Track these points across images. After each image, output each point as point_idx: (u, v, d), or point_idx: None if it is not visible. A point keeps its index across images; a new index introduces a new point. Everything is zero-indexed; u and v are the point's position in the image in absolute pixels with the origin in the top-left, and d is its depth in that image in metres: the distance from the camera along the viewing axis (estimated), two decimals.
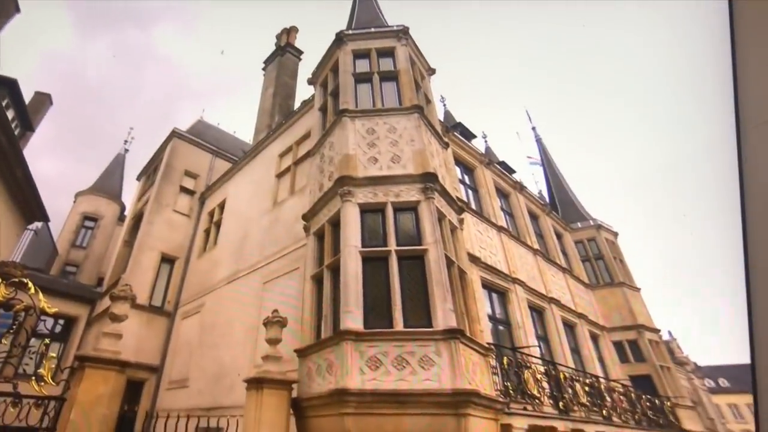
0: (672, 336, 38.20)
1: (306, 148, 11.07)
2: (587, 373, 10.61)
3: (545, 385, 8.24)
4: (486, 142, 23.63)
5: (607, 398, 10.32)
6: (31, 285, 4.94)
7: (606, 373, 13.51)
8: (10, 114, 12.60)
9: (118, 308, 5.81)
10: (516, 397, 7.36)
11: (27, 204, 11.11)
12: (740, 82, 2.05)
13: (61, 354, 13.60)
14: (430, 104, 9.96)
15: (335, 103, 9.46)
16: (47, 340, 5.22)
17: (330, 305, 6.75)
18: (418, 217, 7.06)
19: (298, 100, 15.38)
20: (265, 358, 6.50)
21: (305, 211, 8.50)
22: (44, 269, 18.57)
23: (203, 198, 16.63)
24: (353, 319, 5.98)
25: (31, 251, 16.72)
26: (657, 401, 13.17)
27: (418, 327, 5.93)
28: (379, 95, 9.00)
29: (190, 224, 16.08)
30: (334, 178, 7.75)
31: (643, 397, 12.50)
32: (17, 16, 13.68)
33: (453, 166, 11.62)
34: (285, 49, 18.86)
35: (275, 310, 6.93)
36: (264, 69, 19.38)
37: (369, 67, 9.57)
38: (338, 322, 6.20)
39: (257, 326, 8.92)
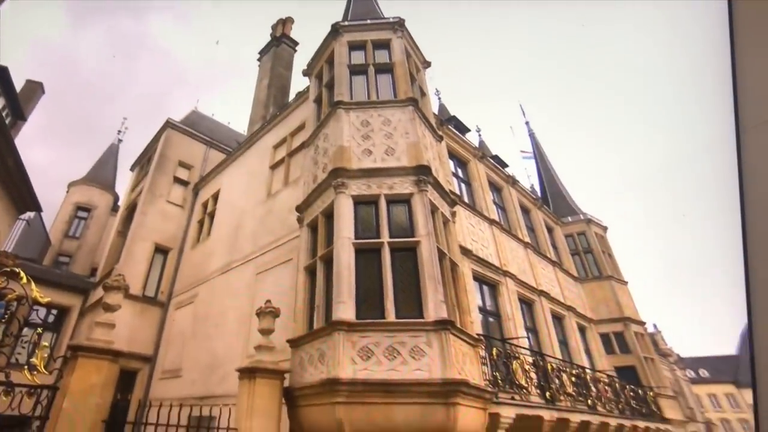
0: (657, 329, 38.86)
1: (300, 139, 11.05)
2: (574, 364, 10.75)
3: (533, 375, 8.35)
4: (480, 135, 23.72)
5: (593, 388, 10.48)
6: (23, 274, 4.91)
7: (592, 364, 13.73)
8: (0, 102, 12.48)
9: (111, 298, 5.80)
10: (504, 387, 7.46)
11: (19, 193, 11.03)
12: (739, 81, 2.06)
13: (54, 344, 13.60)
14: (425, 97, 9.97)
15: (330, 94, 9.44)
16: (40, 330, 5.21)
17: (323, 296, 6.79)
18: (411, 210, 7.10)
19: (293, 92, 15.33)
20: (258, 348, 6.54)
21: (299, 203, 8.51)
22: (37, 259, 18.48)
23: (197, 189, 16.57)
24: (345, 309, 6.03)
25: (23, 241, 16.65)
26: (640, 391, 13.40)
27: (410, 318, 5.99)
28: (374, 87, 8.99)
29: (184, 215, 16.04)
30: (328, 169, 7.76)
31: (627, 387, 12.70)
32: (7, 2, 13.47)
33: (446, 159, 11.65)
34: (280, 40, 18.70)
35: (268, 301, 6.97)
36: (259, 60, 19.22)
37: (364, 58, 9.53)
38: (330, 312, 6.24)
39: (250, 317, 8.97)
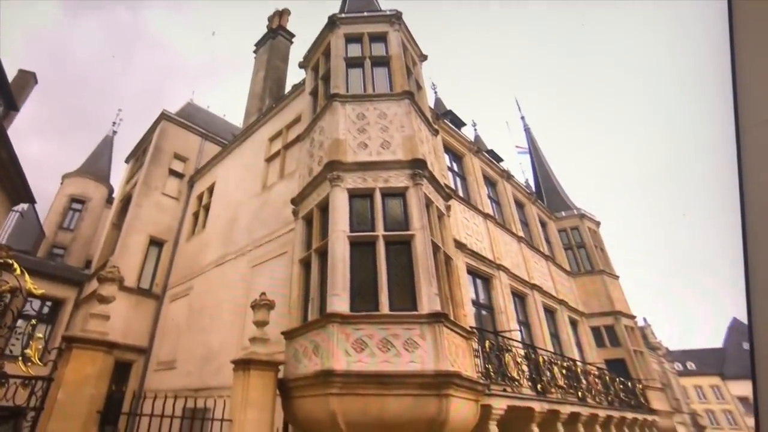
0: (647, 322, 39.44)
1: (296, 132, 11.01)
2: (565, 357, 10.89)
3: (525, 368, 8.44)
4: (475, 130, 23.70)
5: (583, 381, 10.63)
6: (16, 266, 4.91)
7: (583, 357, 13.92)
8: None
9: (105, 290, 5.80)
10: (496, 379, 7.54)
11: (12, 185, 10.94)
12: (739, 80, 2.05)
13: (48, 336, 13.56)
14: (421, 90, 9.94)
15: (326, 87, 9.40)
16: (34, 321, 5.21)
17: (317, 289, 6.82)
18: (406, 203, 7.11)
19: (289, 84, 15.25)
20: (253, 340, 6.58)
21: (294, 196, 8.50)
22: (31, 251, 18.37)
23: (192, 181, 16.51)
24: (340, 302, 6.06)
25: (17, 233, 16.54)
26: (629, 383, 13.60)
27: (404, 311, 6.03)
28: (370, 80, 8.95)
29: (179, 207, 15.99)
30: (323, 162, 7.75)
31: (617, 379, 12.89)
32: None
33: (442, 153, 11.66)
34: (277, 32, 18.57)
35: (263, 293, 7.00)
36: (255, 52, 19.08)
37: (361, 51, 9.48)
38: (325, 305, 6.27)
39: (245, 309, 8.98)
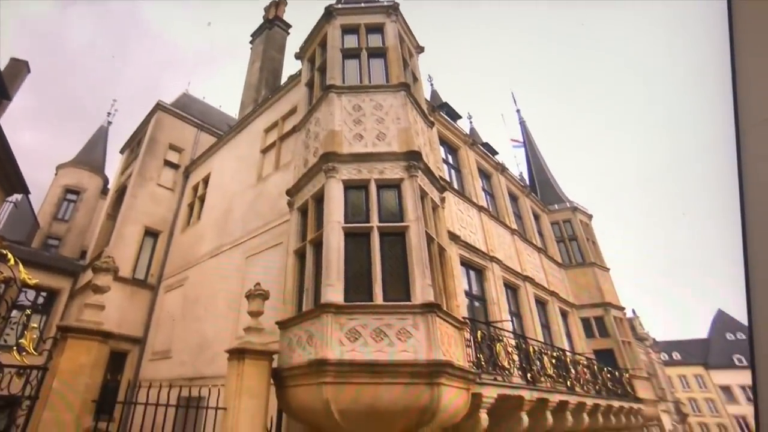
0: (635, 314, 39.85)
1: (292, 123, 10.99)
2: (555, 347, 11.02)
3: (515, 357, 8.53)
4: (471, 123, 23.72)
5: (572, 370, 10.77)
6: (10, 256, 4.91)
7: (572, 347, 14.12)
8: None
9: (100, 280, 5.82)
10: (488, 368, 7.62)
11: (5, 175, 10.85)
12: (739, 80, 2.06)
13: (44, 326, 13.57)
14: (417, 82, 9.92)
15: (322, 78, 9.36)
16: (28, 311, 5.22)
17: (312, 279, 6.84)
18: (401, 195, 7.12)
19: (286, 75, 15.16)
20: (247, 330, 6.61)
21: (289, 187, 8.49)
22: (25, 242, 18.28)
23: (187, 172, 16.46)
24: (334, 292, 6.09)
25: (10, 224, 16.43)
26: (617, 373, 13.80)
27: (397, 301, 6.07)
28: (366, 72, 8.92)
29: (174, 198, 15.95)
30: (319, 154, 7.75)
31: (605, 369, 13.07)
32: None
33: (437, 145, 11.68)
34: (273, 23, 18.42)
35: (258, 284, 7.03)
36: (251, 42, 18.93)
37: (357, 42, 9.44)
38: (319, 295, 6.29)
39: (240, 299, 9.02)
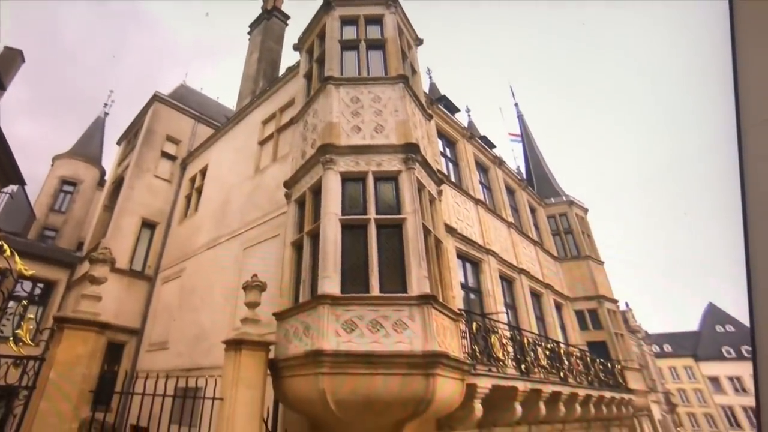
0: (628, 307, 40.27)
1: (290, 115, 10.94)
2: (549, 339, 11.12)
3: (510, 349, 8.59)
4: (469, 116, 23.73)
5: (565, 361, 10.85)
6: (6, 247, 4.89)
7: (566, 339, 14.28)
8: None
9: (97, 271, 5.81)
10: (482, 359, 7.66)
11: (1, 166, 10.81)
12: (740, 79, 2.06)
13: (41, 317, 13.57)
14: (416, 75, 9.89)
15: (321, 69, 9.31)
16: (25, 302, 5.21)
17: (309, 271, 6.86)
18: (399, 187, 7.12)
19: (284, 66, 15.08)
20: (244, 321, 6.63)
21: (287, 179, 8.48)
22: (21, 233, 18.23)
23: (185, 163, 16.40)
24: (331, 284, 6.11)
25: (6, 215, 16.38)
26: (609, 364, 13.95)
27: (394, 293, 6.09)
28: (365, 63, 8.88)
29: (171, 190, 15.91)
30: (316, 145, 7.72)
31: (598, 360, 13.21)
32: None
33: (435, 138, 11.66)
34: (271, 13, 18.29)
35: (255, 275, 7.04)
36: (249, 33, 18.80)
37: (356, 34, 9.38)
38: (316, 286, 6.30)
39: (237, 291, 9.03)
